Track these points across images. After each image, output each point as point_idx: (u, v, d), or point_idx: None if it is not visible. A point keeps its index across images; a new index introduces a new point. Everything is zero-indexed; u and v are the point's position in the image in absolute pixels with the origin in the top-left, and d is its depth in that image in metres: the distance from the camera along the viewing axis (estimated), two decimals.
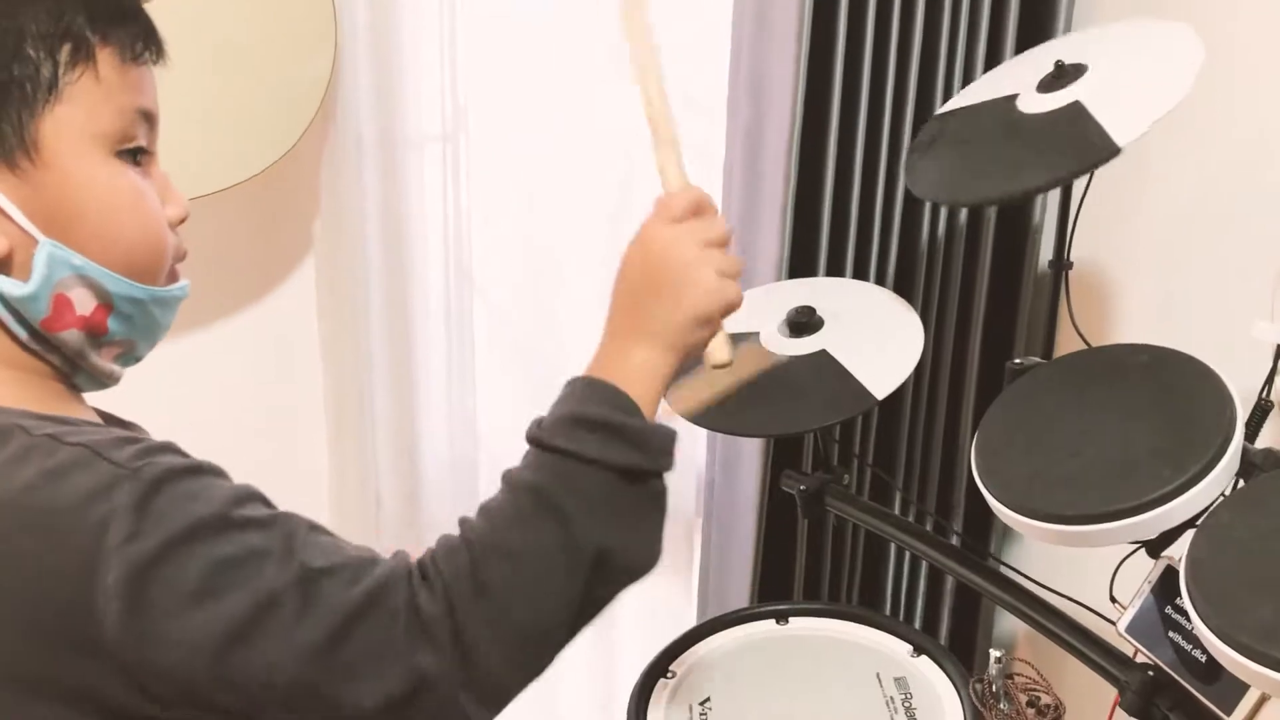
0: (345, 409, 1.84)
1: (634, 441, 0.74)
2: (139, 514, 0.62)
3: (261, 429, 1.88)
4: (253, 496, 0.69)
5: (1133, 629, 1.17)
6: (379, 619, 0.66)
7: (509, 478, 0.75)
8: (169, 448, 0.68)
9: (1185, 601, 0.95)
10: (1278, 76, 1.41)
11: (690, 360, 0.82)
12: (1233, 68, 1.44)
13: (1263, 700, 1.03)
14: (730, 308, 0.81)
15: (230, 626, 0.62)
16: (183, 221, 0.78)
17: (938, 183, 1.29)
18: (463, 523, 0.74)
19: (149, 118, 0.75)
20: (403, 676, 0.66)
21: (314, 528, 0.70)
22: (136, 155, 0.74)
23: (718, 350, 0.83)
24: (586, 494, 0.72)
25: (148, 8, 0.75)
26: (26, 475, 0.63)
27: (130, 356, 0.78)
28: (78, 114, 0.69)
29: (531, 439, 0.76)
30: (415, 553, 0.73)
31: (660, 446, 0.76)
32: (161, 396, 1.64)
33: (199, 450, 0.93)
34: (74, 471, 0.63)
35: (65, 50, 0.69)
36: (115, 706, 0.63)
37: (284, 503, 2.02)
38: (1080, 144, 1.15)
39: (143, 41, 0.74)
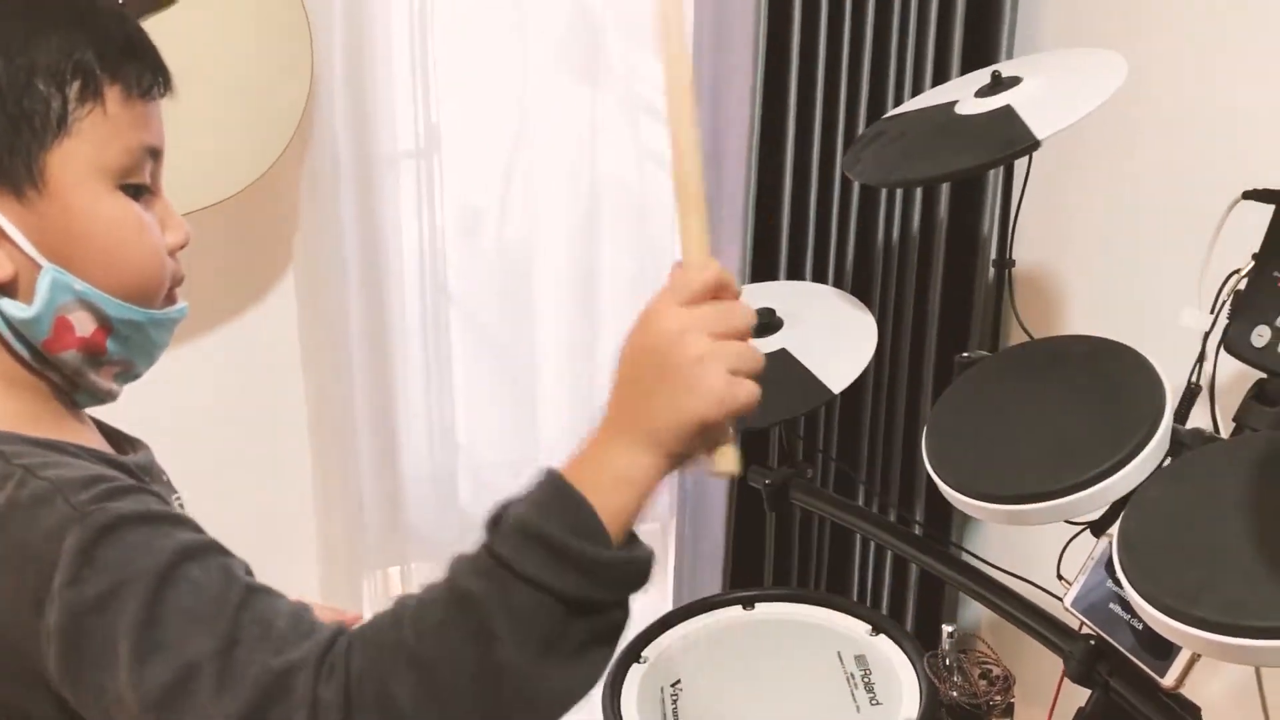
0: (327, 420, 1.89)
1: (588, 571, 0.65)
2: (82, 560, 0.62)
3: (245, 440, 1.92)
4: (204, 550, 0.67)
5: (1078, 603, 1.24)
6: (288, 704, 0.63)
7: (453, 569, 0.68)
8: (133, 491, 0.68)
9: (1117, 570, 1.03)
10: (1197, 94, 1.51)
11: (688, 463, 0.72)
12: (1163, 85, 1.54)
13: (1192, 661, 1.10)
14: (739, 412, 0.70)
15: (152, 693, 0.62)
16: (183, 247, 0.80)
17: (872, 168, 1.38)
18: (396, 610, 0.67)
19: (154, 153, 0.77)
20: None
21: (252, 589, 0.67)
22: (139, 191, 0.76)
23: (722, 460, 0.73)
24: (522, 618, 0.64)
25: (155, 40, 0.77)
26: None
27: (129, 375, 0.80)
28: (85, 148, 0.71)
29: (487, 528, 0.68)
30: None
31: (620, 579, 0.67)
32: (146, 410, 1.68)
33: (184, 462, 0.97)
34: (37, 508, 0.65)
35: (75, 87, 0.71)
36: None
37: (270, 514, 2.05)
38: (1004, 137, 1.24)
39: (150, 77, 0.75)
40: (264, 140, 1.64)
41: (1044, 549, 1.39)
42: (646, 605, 2.15)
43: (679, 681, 1.39)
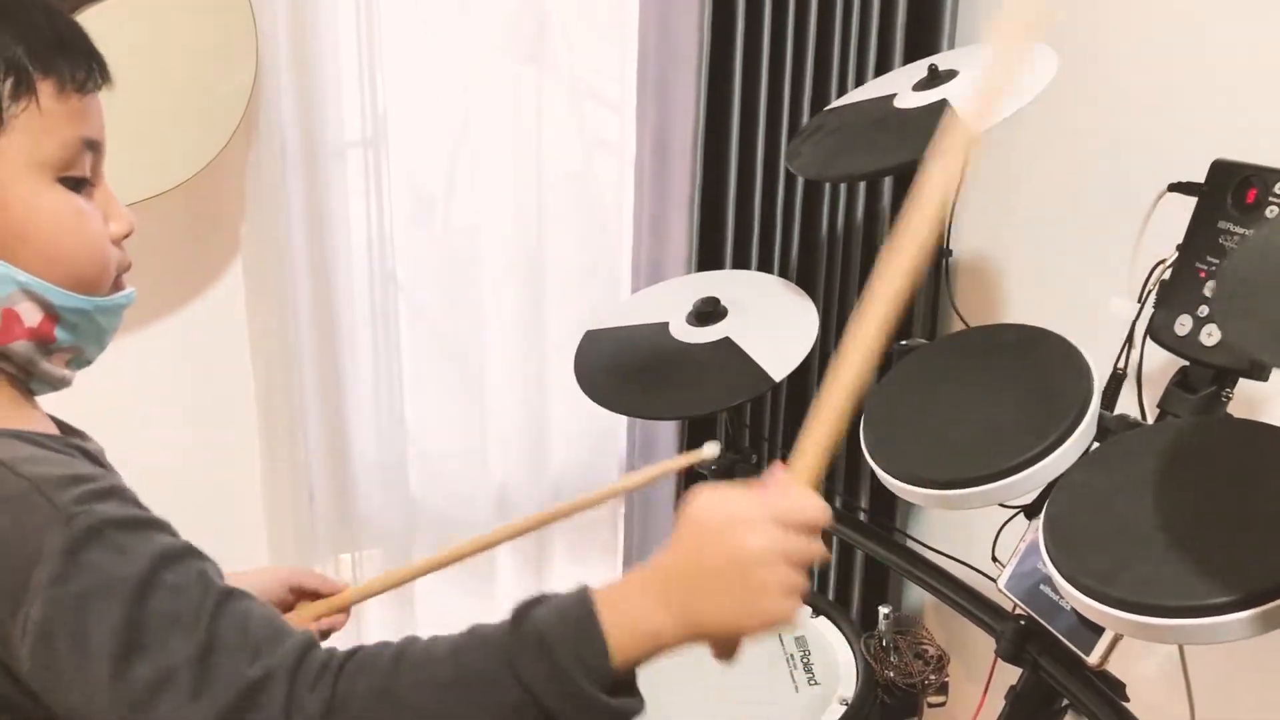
0: (275, 409, 1.88)
1: (579, 705, 0.68)
2: (67, 560, 0.64)
3: (194, 430, 1.91)
4: (182, 555, 0.69)
5: (1010, 584, 1.28)
6: (261, 711, 0.65)
7: (470, 636, 0.72)
8: (113, 493, 0.69)
9: (1042, 552, 1.06)
10: (1130, 89, 1.55)
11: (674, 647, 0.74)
12: (1095, 82, 1.58)
13: (1116, 640, 1.14)
14: (778, 628, 0.73)
15: (130, 694, 0.63)
16: (127, 236, 0.81)
17: (811, 161, 1.41)
18: (400, 650, 0.71)
19: (93, 146, 0.77)
20: None
21: (229, 594, 0.69)
22: (80, 183, 0.76)
23: (730, 657, 0.76)
24: (503, 712, 0.68)
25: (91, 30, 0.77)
26: None
27: (81, 361, 0.81)
28: (21, 143, 0.72)
29: (514, 616, 0.72)
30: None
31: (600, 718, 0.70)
32: (93, 401, 1.68)
33: (133, 451, 0.98)
34: (17, 504, 0.66)
35: (7, 84, 0.71)
36: (21, 710, 0.67)
37: (219, 502, 2.05)
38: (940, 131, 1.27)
39: (85, 71, 0.75)
40: (209, 129, 1.63)
41: (983, 533, 1.42)
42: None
43: None
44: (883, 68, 1.83)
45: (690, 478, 1.93)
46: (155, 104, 1.59)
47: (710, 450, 0.94)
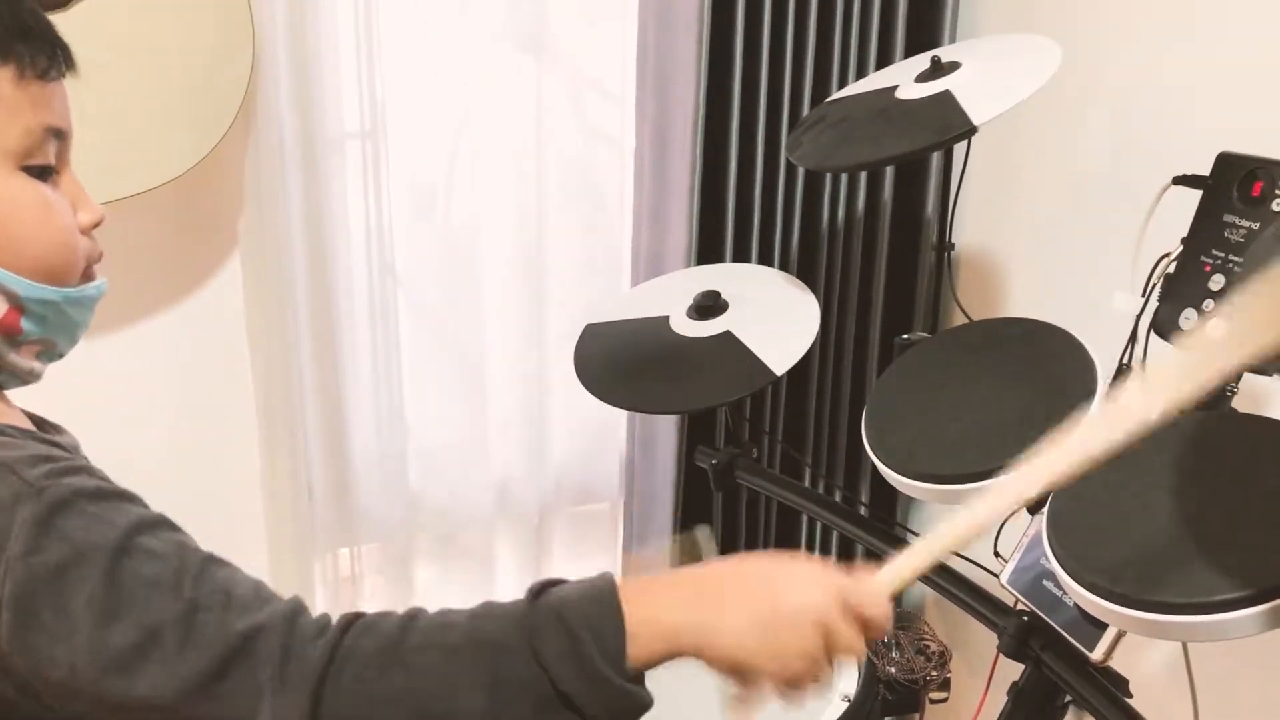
0: (274, 403, 1.88)
1: (592, 685, 0.67)
2: (40, 530, 0.63)
3: (193, 425, 1.90)
4: (157, 524, 0.68)
5: (1012, 580, 1.27)
6: (254, 661, 0.65)
7: (485, 609, 0.71)
8: (82, 469, 0.69)
9: (1046, 548, 1.05)
10: (1134, 80, 1.54)
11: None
12: (1099, 74, 1.57)
13: (1120, 636, 1.13)
14: (782, 700, 0.73)
15: (113, 656, 0.63)
16: (97, 226, 0.79)
17: (813, 152, 1.40)
18: (408, 615, 0.70)
19: (58, 134, 0.76)
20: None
21: (210, 559, 0.69)
22: (45, 172, 0.75)
23: (734, 710, 0.75)
24: (513, 684, 0.67)
25: (59, 18, 0.76)
26: None
27: (51, 354, 0.80)
28: None
29: (531, 593, 0.71)
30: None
31: (610, 705, 0.69)
32: (93, 395, 1.67)
33: (131, 446, 0.97)
34: None
35: None
36: (7, 703, 0.66)
37: (218, 497, 2.05)
38: (942, 122, 1.26)
39: (47, 58, 0.74)
40: (206, 121, 1.62)
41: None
42: None
43: None
44: (884, 60, 1.82)
45: (690, 469, 1.93)
46: (151, 96, 1.58)
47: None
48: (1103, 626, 1.13)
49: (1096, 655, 1.13)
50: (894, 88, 1.40)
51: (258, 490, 1.97)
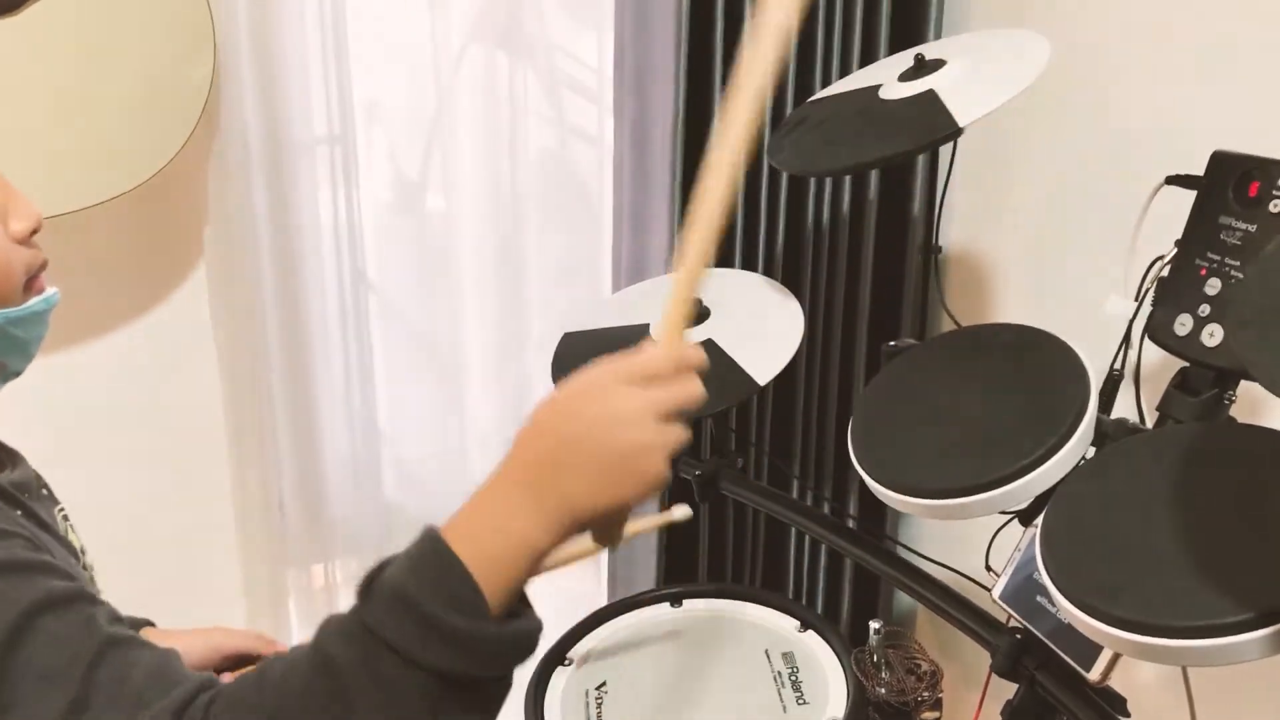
0: (244, 414, 1.83)
1: (461, 645, 0.62)
2: None
3: (161, 439, 1.86)
4: (67, 600, 0.64)
5: (1005, 595, 1.23)
6: None
7: (321, 631, 0.65)
8: (3, 534, 0.65)
9: (1039, 566, 1.01)
10: (1127, 81, 1.50)
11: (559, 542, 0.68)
12: (1089, 71, 1.53)
13: (1117, 655, 1.09)
14: (655, 489, 0.67)
15: None
16: (35, 232, 0.75)
17: (794, 156, 1.35)
18: (261, 671, 0.65)
19: None
20: None
21: (112, 642, 0.64)
22: None
23: (608, 540, 0.72)
24: (387, 688, 0.61)
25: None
26: None
27: (4, 374, 0.76)
28: None
29: (359, 590, 0.65)
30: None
31: (496, 653, 0.64)
32: (57, 410, 1.63)
33: (98, 461, 0.93)
34: None
35: None
36: None
37: (188, 512, 2.00)
38: (926, 124, 1.22)
39: None
40: (167, 128, 1.57)
41: (976, 540, 1.38)
42: (579, 603, 2.13)
43: (604, 684, 1.36)
44: (868, 58, 1.78)
45: (677, 481, 1.88)
46: (109, 101, 1.53)
47: (680, 513, 0.89)
48: (1099, 644, 1.10)
49: (1094, 675, 1.09)
50: (877, 87, 1.36)
51: (228, 504, 1.92)
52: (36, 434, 0.82)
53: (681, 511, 0.97)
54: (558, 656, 1.40)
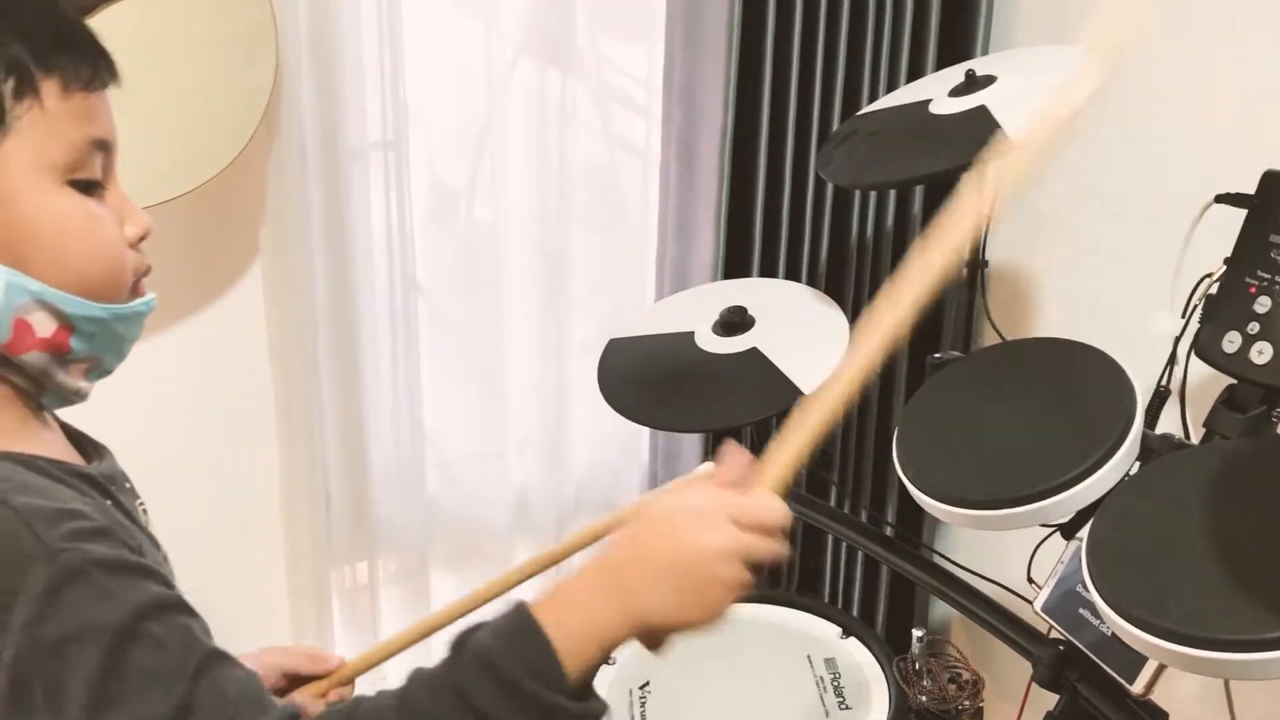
0: (294, 411, 1.86)
1: (541, 715, 0.66)
2: (47, 600, 0.61)
3: (211, 433, 1.89)
4: (169, 607, 0.66)
5: (1048, 607, 1.24)
6: None
7: (410, 681, 0.69)
8: (105, 534, 0.67)
9: (1086, 578, 1.02)
10: (1172, 95, 1.51)
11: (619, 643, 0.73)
12: (1136, 86, 1.53)
13: (1161, 668, 1.10)
14: (715, 625, 0.73)
15: None
16: (144, 238, 0.77)
17: (845, 168, 1.37)
18: (350, 711, 0.68)
19: (103, 146, 0.74)
20: None
21: (214, 656, 0.66)
22: (90, 186, 0.73)
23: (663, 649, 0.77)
24: None
25: (100, 29, 0.74)
26: None
27: (99, 371, 0.78)
28: (26, 147, 0.69)
29: (451, 649, 0.69)
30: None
31: None
32: (111, 404, 1.66)
33: (150, 458, 0.95)
34: (1, 537, 0.63)
35: (9, 84, 0.68)
36: None
37: (236, 509, 2.03)
38: (978, 139, 1.23)
39: (90, 68, 0.72)
40: (229, 129, 1.61)
41: (1015, 551, 1.38)
42: None
43: (647, 684, 1.38)
44: (915, 72, 1.79)
45: None
46: (175, 104, 1.57)
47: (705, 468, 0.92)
48: (1143, 657, 1.10)
49: (1137, 688, 1.10)
50: (927, 101, 1.37)
51: (276, 500, 1.95)
52: (89, 429, 0.84)
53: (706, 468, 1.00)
54: None
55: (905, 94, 1.49)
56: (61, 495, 0.69)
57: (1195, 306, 1.21)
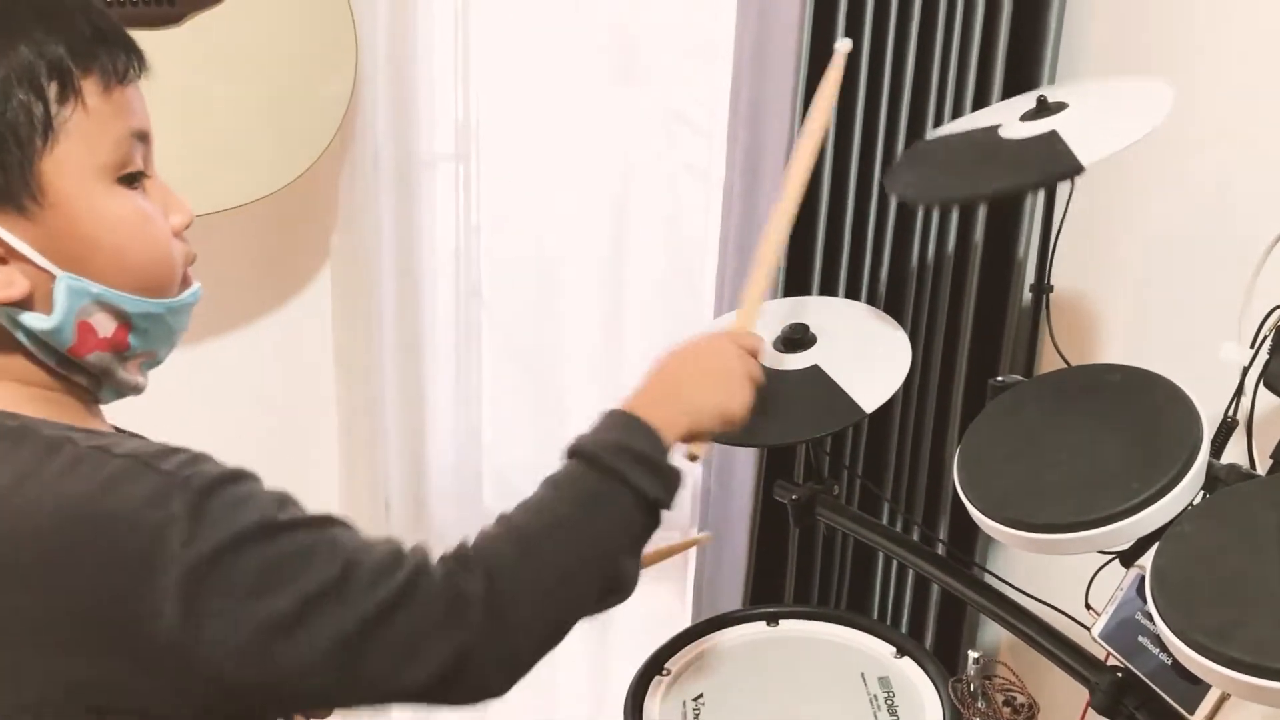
0: (356, 416, 1.90)
1: (664, 480, 0.88)
2: (194, 520, 0.64)
3: (275, 434, 1.93)
4: (286, 499, 0.72)
5: (1106, 634, 1.24)
6: (418, 605, 0.72)
7: (555, 480, 0.86)
8: (202, 456, 0.70)
9: (1149, 605, 1.02)
10: (1243, 124, 1.50)
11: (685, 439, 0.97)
12: (1205, 115, 1.53)
13: (1223, 699, 1.09)
14: (737, 425, 1.01)
15: (280, 622, 0.66)
16: (188, 226, 0.80)
17: (914, 186, 1.38)
18: (503, 517, 0.83)
19: (143, 137, 0.75)
20: (444, 656, 0.72)
21: (346, 525, 0.74)
22: (136, 179, 0.75)
23: (703, 449, 1.02)
24: (620, 513, 0.85)
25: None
26: (80, 486, 0.65)
27: (153, 363, 0.81)
28: (75, 150, 0.70)
29: (575, 453, 0.88)
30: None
31: (675, 487, 0.90)
32: (179, 402, 1.70)
33: (217, 454, 0.98)
34: (125, 481, 0.65)
35: (53, 88, 0.69)
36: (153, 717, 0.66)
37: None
38: (1048, 161, 1.23)
39: (124, 60, 0.73)
40: (307, 136, 1.65)
41: (1068, 574, 1.38)
42: (666, 617, 2.16)
43: (701, 696, 1.39)
44: (981, 100, 1.80)
45: (768, 502, 1.91)
46: (258, 111, 1.61)
47: (702, 536, 1.19)
48: (1203, 686, 1.10)
49: (1198, 718, 1.10)
50: (997, 126, 1.38)
51: (336, 502, 1.99)
52: (152, 429, 0.86)
53: (703, 535, 1.23)
54: (656, 666, 1.44)
55: (973, 120, 1.50)
56: (149, 442, 0.73)
57: (1265, 338, 1.21)
